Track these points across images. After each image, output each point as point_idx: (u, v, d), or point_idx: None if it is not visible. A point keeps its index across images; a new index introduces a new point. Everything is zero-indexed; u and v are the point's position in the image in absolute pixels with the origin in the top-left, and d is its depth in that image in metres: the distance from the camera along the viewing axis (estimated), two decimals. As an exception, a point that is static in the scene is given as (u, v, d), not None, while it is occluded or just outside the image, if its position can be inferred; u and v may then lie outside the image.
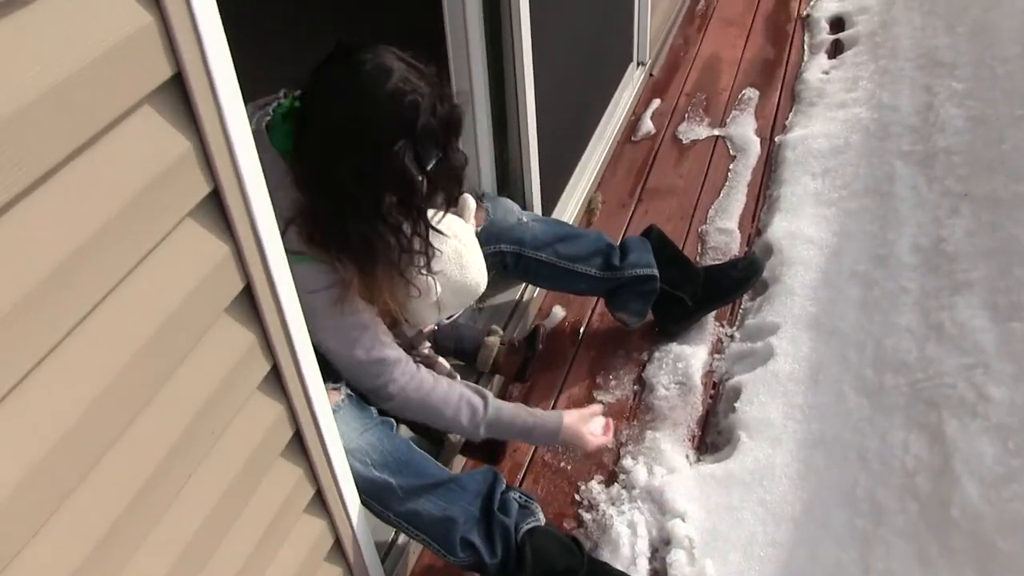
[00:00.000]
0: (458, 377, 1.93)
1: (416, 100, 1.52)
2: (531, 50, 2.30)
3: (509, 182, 2.58)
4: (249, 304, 1.17)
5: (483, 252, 1.90)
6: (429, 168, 1.58)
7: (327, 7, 4.45)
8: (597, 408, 1.97)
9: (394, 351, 1.72)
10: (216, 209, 1.04)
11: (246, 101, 1.03)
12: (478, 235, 1.91)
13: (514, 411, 1.83)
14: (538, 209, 2.64)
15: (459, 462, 2.20)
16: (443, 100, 1.57)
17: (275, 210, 1.15)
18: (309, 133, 1.57)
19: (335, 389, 1.73)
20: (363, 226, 1.56)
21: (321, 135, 1.54)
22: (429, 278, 1.72)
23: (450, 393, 1.76)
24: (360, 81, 1.51)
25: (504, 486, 1.82)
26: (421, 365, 1.79)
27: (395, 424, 1.86)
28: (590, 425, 1.91)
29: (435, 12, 2.19)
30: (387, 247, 1.59)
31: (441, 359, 2.04)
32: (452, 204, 1.76)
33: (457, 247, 1.79)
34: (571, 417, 1.88)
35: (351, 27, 4.26)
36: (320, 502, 1.51)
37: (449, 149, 1.61)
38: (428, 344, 2.03)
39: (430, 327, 1.97)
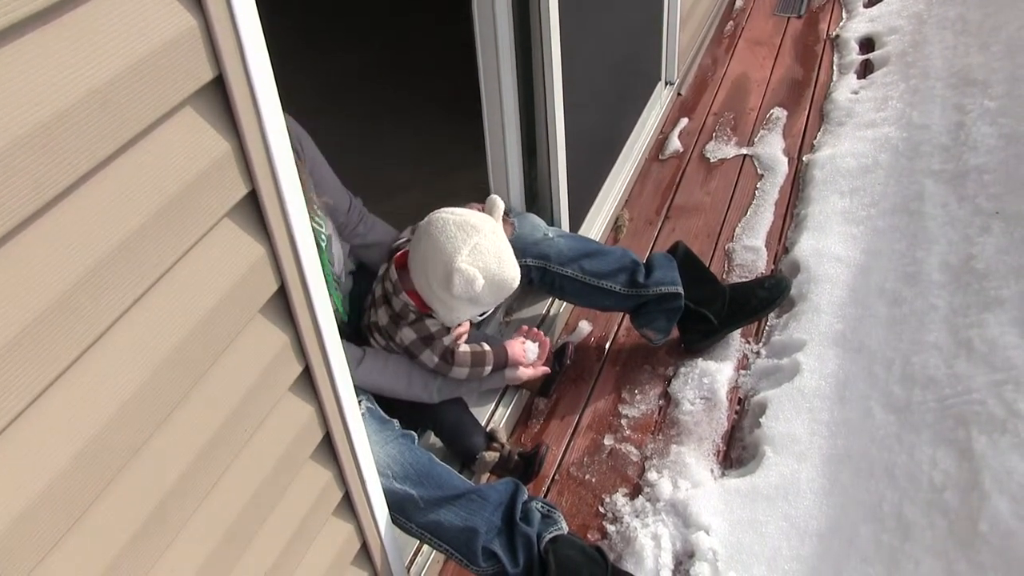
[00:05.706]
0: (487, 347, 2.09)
1: None
2: (560, 69, 2.32)
3: (537, 199, 2.61)
4: (283, 305, 1.19)
5: None
6: None
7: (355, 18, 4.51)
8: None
9: None
10: (253, 210, 1.06)
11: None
12: None
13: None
14: (565, 226, 2.65)
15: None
16: None
17: None
18: None
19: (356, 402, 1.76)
20: None
21: None
22: (472, 268, 1.79)
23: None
24: None
25: (526, 496, 1.83)
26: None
27: (416, 437, 1.88)
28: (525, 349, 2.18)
29: (467, 30, 2.22)
30: None
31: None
32: None
33: (496, 242, 1.83)
34: (513, 349, 2.14)
35: (381, 35, 4.35)
36: (348, 506, 1.53)
37: None
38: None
39: (464, 329, 2.00)
